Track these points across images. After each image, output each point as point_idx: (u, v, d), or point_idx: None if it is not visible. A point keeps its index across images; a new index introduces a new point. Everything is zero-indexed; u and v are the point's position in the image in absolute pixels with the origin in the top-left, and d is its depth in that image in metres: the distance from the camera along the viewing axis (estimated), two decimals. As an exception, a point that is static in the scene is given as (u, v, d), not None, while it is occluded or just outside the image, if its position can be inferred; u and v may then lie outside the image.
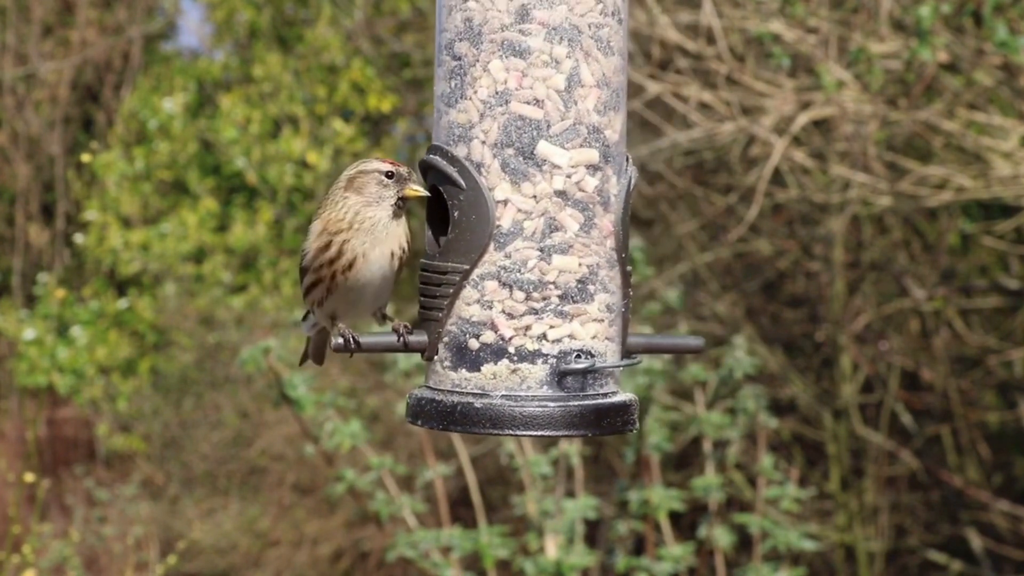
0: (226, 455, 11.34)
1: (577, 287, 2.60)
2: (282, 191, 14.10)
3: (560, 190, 2.59)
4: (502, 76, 2.58)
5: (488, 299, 2.60)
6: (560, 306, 2.60)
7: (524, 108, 2.58)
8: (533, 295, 2.59)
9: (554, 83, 2.58)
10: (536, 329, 2.59)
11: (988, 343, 9.23)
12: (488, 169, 2.60)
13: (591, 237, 2.61)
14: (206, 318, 12.90)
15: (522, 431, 2.57)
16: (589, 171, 2.60)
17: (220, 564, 10.57)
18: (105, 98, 16.00)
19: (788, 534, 6.58)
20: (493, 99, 2.59)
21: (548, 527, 6.54)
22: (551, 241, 2.59)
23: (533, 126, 2.58)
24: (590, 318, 2.62)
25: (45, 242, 15.66)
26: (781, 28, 7.26)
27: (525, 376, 2.60)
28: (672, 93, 7.77)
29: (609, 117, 2.62)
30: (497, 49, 2.58)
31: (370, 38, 13.27)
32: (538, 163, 2.58)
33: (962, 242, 9.36)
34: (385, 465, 6.66)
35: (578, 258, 2.60)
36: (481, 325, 2.60)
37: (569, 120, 2.58)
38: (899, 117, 7.40)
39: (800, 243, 9.45)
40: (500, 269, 2.60)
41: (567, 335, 2.60)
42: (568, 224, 2.60)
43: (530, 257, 2.59)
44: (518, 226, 2.59)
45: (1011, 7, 6.65)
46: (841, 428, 9.23)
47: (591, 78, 2.60)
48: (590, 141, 2.60)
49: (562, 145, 2.59)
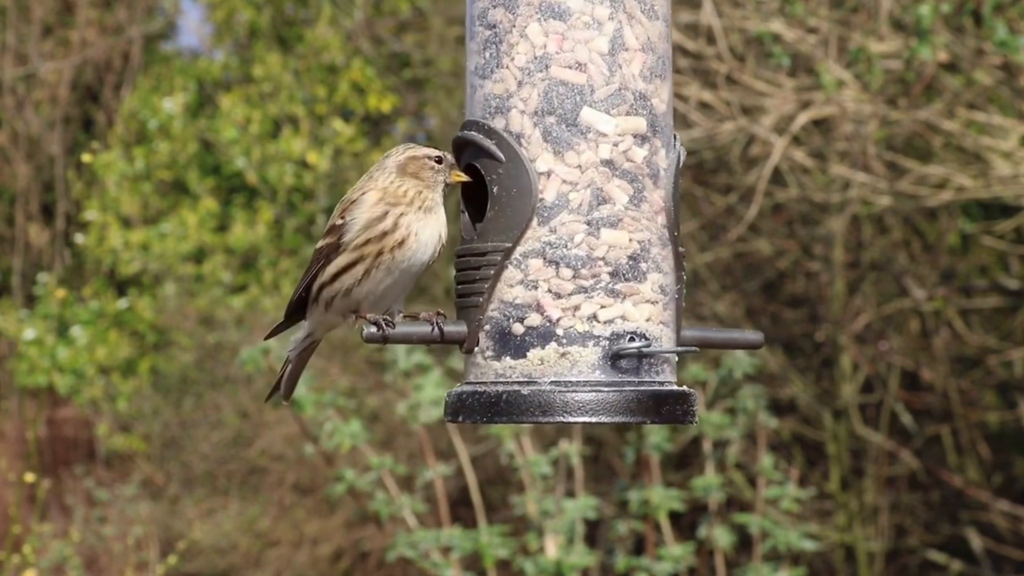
0: (226, 455, 11.34)
1: (628, 264, 2.42)
2: (282, 191, 14.10)
3: (607, 159, 2.42)
4: (541, 40, 2.43)
5: (533, 279, 2.42)
6: (611, 284, 2.41)
7: (565, 73, 2.43)
8: (581, 272, 2.41)
9: (596, 46, 2.43)
10: (586, 309, 2.41)
11: (988, 343, 9.23)
12: (528, 139, 2.43)
13: (641, 211, 2.43)
14: (206, 318, 12.90)
15: (575, 417, 2.37)
16: (637, 141, 2.44)
17: (220, 564, 10.57)
18: (105, 98, 16.00)
19: (788, 534, 6.57)
20: (532, 65, 2.43)
21: (548, 527, 6.54)
22: (599, 214, 2.42)
23: (576, 91, 2.43)
24: (643, 299, 2.43)
25: (45, 242, 15.65)
26: (781, 28, 7.26)
27: (576, 360, 2.41)
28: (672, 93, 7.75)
29: (656, 85, 2.47)
30: (535, 12, 2.43)
31: (370, 38, 13.27)
32: (582, 131, 2.42)
33: (962, 242, 9.36)
34: (385, 465, 6.66)
35: (628, 233, 2.42)
36: (526, 308, 2.42)
37: (614, 85, 2.43)
38: (899, 117, 7.40)
39: (800, 243, 9.44)
40: (545, 245, 2.42)
41: (619, 316, 2.42)
42: (617, 196, 2.42)
43: (577, 231, 2.42)
44: (563, 198, 2.42)
45: (1011, 7, 6.65)
46: (841, 428, 9.23)
47: (635, 41, 2.45)
48: (637, 108, 2.44)
49: (607, 111, 2.43)
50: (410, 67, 13.54)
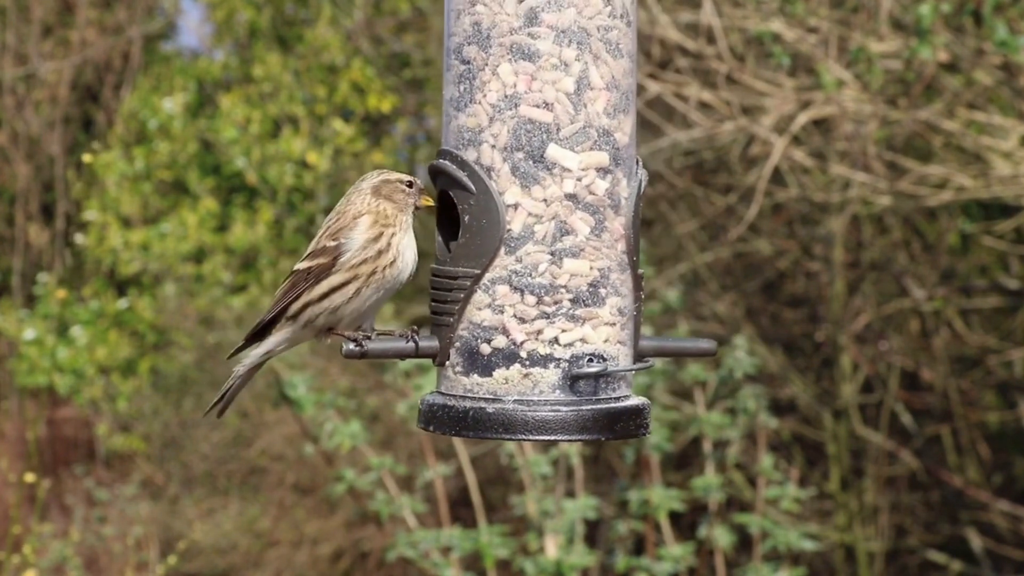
0: (226, 455, 11.34)
1: (588, 291, 2.59)
2: (282, 191, 14.10)
3: (571, 193, 2.58)
4: (511, 80, 2.57)
5: (499, 303, 2.59)
6: (572, 310, 2.58)
7: (534, 111, 2.57)
8: (544, 299, 2.58)
9: (563, 86, 2.57)
10: (548, 333, 2.58)
11: (988, 343, 9.23)
12: (498, 173, 2.59)
13: (602, 240, 2.60)
14: (206, 318, 12.90)
15: (534, 436, 2.56)
16: (599, 174, 2.59)
17: (220, 564, 10.57)
18: (105, 98, 16.00)
19: (788, 534, 6.57)
20: (503, 103, 2.58)
21: (548, 527, 6.54)
22: (562, 245, 2.58)
23: (543, 129, 2.57)
24: (602, 322, 2.60)
25: (45, 242, 15.65)
26: (781, 27, 7.26)
27: (537, 380, 2.58)
28: (672, 93, 7.77)
29: (619, 120, 2.61)
30: (506, 53, 2.57)
31: (370, 38, 13.27)
32: (548, 166, 2.57)
33: (962, 242, 9.36)
34: (385, 465, 6.66)
35: (589, 262, 2.59)
36: (492, 330, 2.59)
37: (579, 123, 2.58)
38: (899, 116, 7.40)
39: (800, 243, 9.44)
40: (511, 273, 2.58)
41: (579, 339, 2.59)
42: (579, 227, 2.59)
43: (541, 261, 2.58)
44: (529, 230, 2.58)
45: (1011, 7, 6.65)
46: (841, 428, 9.23)
47: (600, 81, 2.59)
48: (600, 144, 2.59)
49: (572, 148, 2.58)
50: (410, 67, 13.54)
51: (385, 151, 14.15)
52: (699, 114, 7.82)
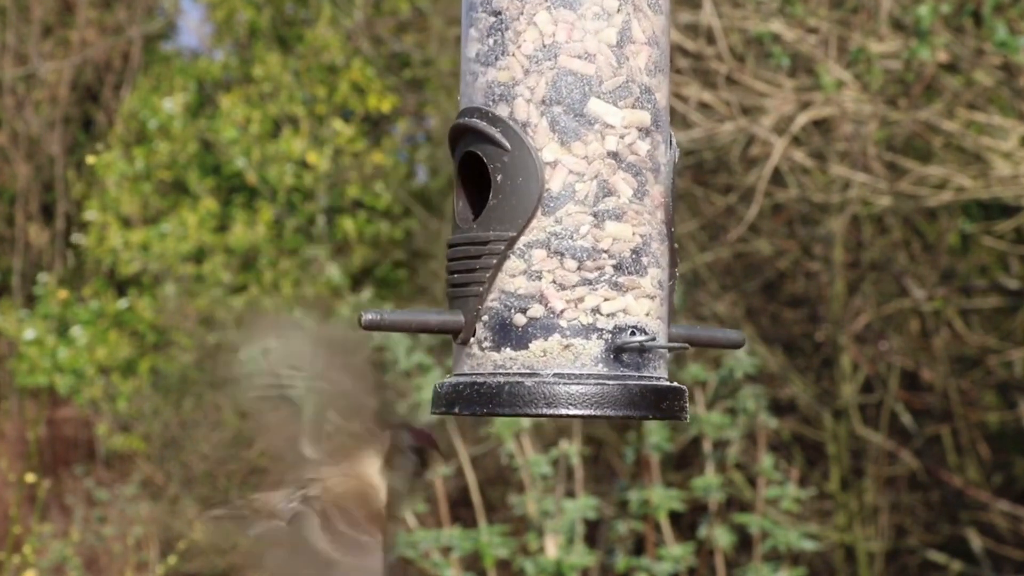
0: (226, 455, 11.34)
1: (631, 257, 2.40)
2: (282, 191, 14.10)
3: (613, 151, 2.40)
4: (550, 29, 2.40)
5: (536, 269, 2.37)
6: (615, 277, 2.38)
7: (575, 63, 2.40)
8: (586, 264, 2.37)
9: (606, 36, 2.40)
10: (590, 301, 2.37)
11: (988, 343, 9.23)
12: (535, 128, 2.40)
13: (643, 205, 2.41)
14: (206, 318, 12.90)
15: (578, 410, 2.33)
16: (641, 134, 2.42)
17: (220, 564, 10.57)
18: (105, 98, 16.00)
19: (788, 534, 6.57)
20: (540, 53, 2.40)
21: (548, 527, 6.54)
22: (604, 206, 2.39)
23: (584, 81, 2.40)
24: (643, 293, 2.41)
25: (45, 242, 15.65)
26: (781, 28, 7.26)
27: (579, 352, 2.36)
28: (672, 93, 7.76)
29: (659, 79, 2.46)
30: (544, 1, 2.40)
31: (370, 38, 13.27)
32: (590, 121, 2.39)
33: (962, 242, 9.36)
34: (385, 465, 6.65)
35: (632, 226, 2.40)
36: (529, 298, 2.37)
37: (621, 77, 2.41)
38: (899, 117, 7.40)
39: (800, 243, 9.44)
40: (550, 236, 2.37)
41: (621, 309, 2.38)
42: (622, 189, 2.40)
43: (583, 223, 2.38)
44: (569, 189, 2.38)
45: (1011, 7, 6.65)
46: (841, 428, 9.23)
47: (642, 35, 2.43)
48: (642, 102, 2.43)
49: (615, 103, 2.40)
50: (410, 67, 13.54)
51: (385, 151, 14.14)
52: (699, 114, 7.82)
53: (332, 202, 14.22)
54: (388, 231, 13.95)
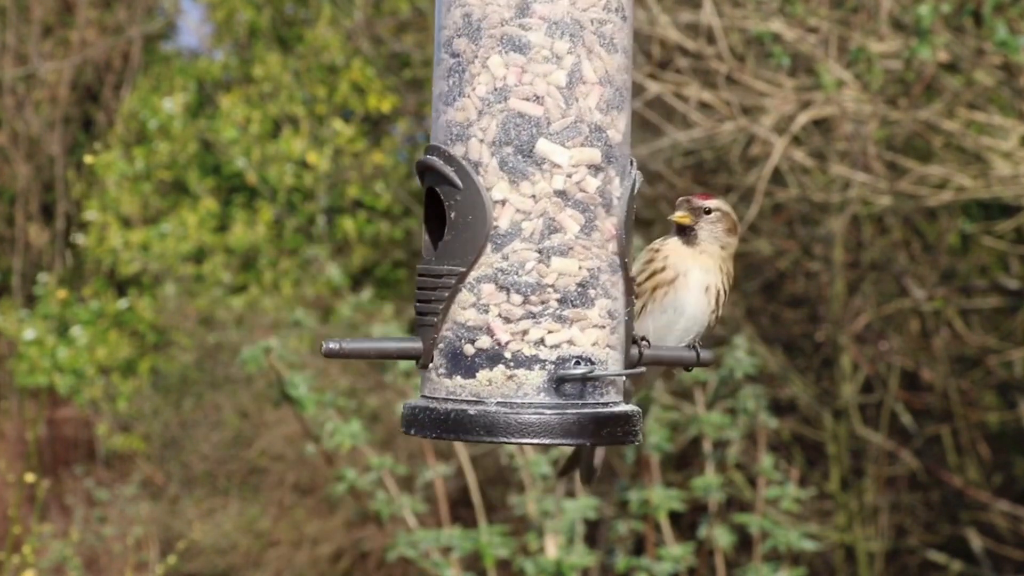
0: (226, 455, 11.34)
1: (577, 291, 2.52)
2: (282, 191, 14.10)
3: (560, 190, 2.51)
4: (501, 72, 2.50)
5: (484, 303, 2.51)
6: (559, 310, 2.51)
7: (523, 105, 2.50)
8: (531, 298, 2.50)
9: (555, 79, 2.50)
10: (534, 334, 2.50)
11: (988, 343, 9.23)
12: (486, 168, 2.51)
13: (592, 240, 2.53)
14: (206, 318, 12.90)
15: (517, 439, 2.48)
16: (591, 171, 2.53)
17: (220, 564, 10.57)
18: (105, 98, 16.00)
19: (788, 534, 6.58)
20: (492, 96, 2.51)
21: (548, 527, 6.54)
22: (550, 242, 2.51)
23: (532, 123, 2.50)
24: (590, 324, 2.53)
25: (45, 242, 15.65)
26: (781, 27, 7.26)
27: (521, 382, 2.50)
28: (672, 93, 7.77)
29: (612, 116, 2.55)
30: (496, 44, 2.50)
31: (370, 38, 13.26)
32: (537, 161, 2.50)
33: (962, 242, 9.36)
34: (385, 465, 6.66)
35: (578, 261, 2.52)
36: (477, 330, 2.51)
37: (570, 118, 2.51)
38: (899, 117, 7.40)
39: (800, 243, 9.44)
40: (497, 271, 2.51)
41: (566, 340, 2.51)
42: (568, 225, 2.52)
43: (528, 259, 2.51)
44: (516, 227, 2.51)
45: (1011, 7, 6.65)
46: (841, 428, 9.23)
47: (593, 75, 2.52)
48: (592, 140, 2.53)
49: (562, 143, 2.51)
50: (410, 67, 13.54)
51: (385, 151, 14.15)
52: (699, 114, 7.82)
53: (332, 202, 14.22)
54: (388, 231, 13.96)
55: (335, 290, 12.13)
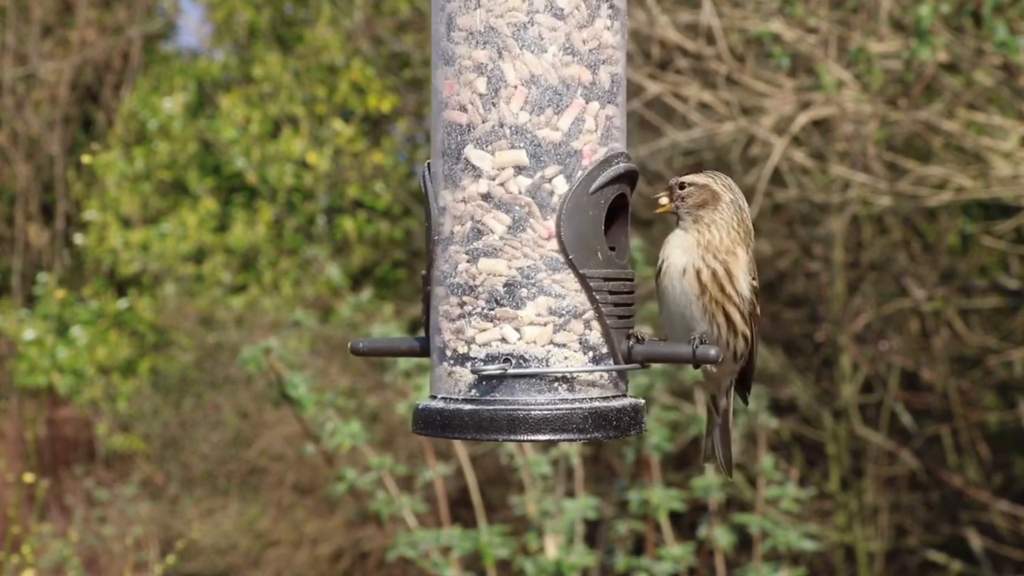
0: (226, 455, 11.34)
1: (505, 290, 2.60)
2: (282, 191, 14.10)
3: (484, 192, 2.61)
4: (440, 85, 2.64)
5: (436, 304, 2.66)
6: (486, 310, 2.60)
7: (453, 114, 2.62)
8: (464, 299, 2.61)
9: (476, 86, 2.60)
10: (467, 333, 2.61)
11: (988, 343, 9.23)
12: (435, 177, 2.66)
13: (520, 240, 2.60)
14: (206, 318, 12.90)
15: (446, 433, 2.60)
16: (518, 172, 2.60)
17: (220, 564, 10.57)
18: (105, 98, 16.00)
19: (788, 534, 6.58)
20: (437, 107, 2.66)
21: (548, 527, 6.54)
22: (477, 244, 2.61)
23: (459, 131, 2.62)
24: (524, 322, 2.60)
25: (45, 242, 15.65)
26: (781, 28, 7.26)
27: (458, 379, 2.62)
28: (672, 93, 7.77)
29: (546, 116, 2.60)
30: (439, 60, 2.64)
31: (370, 38, 13.26)
32: (464, 167, 2.61)
33: (962, 242, 9.36)
34: (385, 465, 6.66)
35: (507, 261, 2.60)
36: (435, 329, 2.67)
37: (490, 122, 2.60)
38: (899, 117, 7.40)
39: (800, 243, 9.44)
40: (441, 274, 2.65)
41: (497, 339, 2.60)
42: (493, 226, 2.61)
43: (460, 261, 2.62)
44: (451, 231, 2.63)
45: (1011, 7, 6.65)
46: (841, 428, 9.23)
47: (515, 78, 2.60)
48: (515, 142, 2.60)
49: (484, 147, 2.60)
50: (410, 67, 13.53)
51: (385, 151, 14.15)
52: (699, 114, 7.82)
53: (332, 202, 14.22)
54: (388, 231, 13.96)
55: (335, 290, 12.14)
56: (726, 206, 2.82)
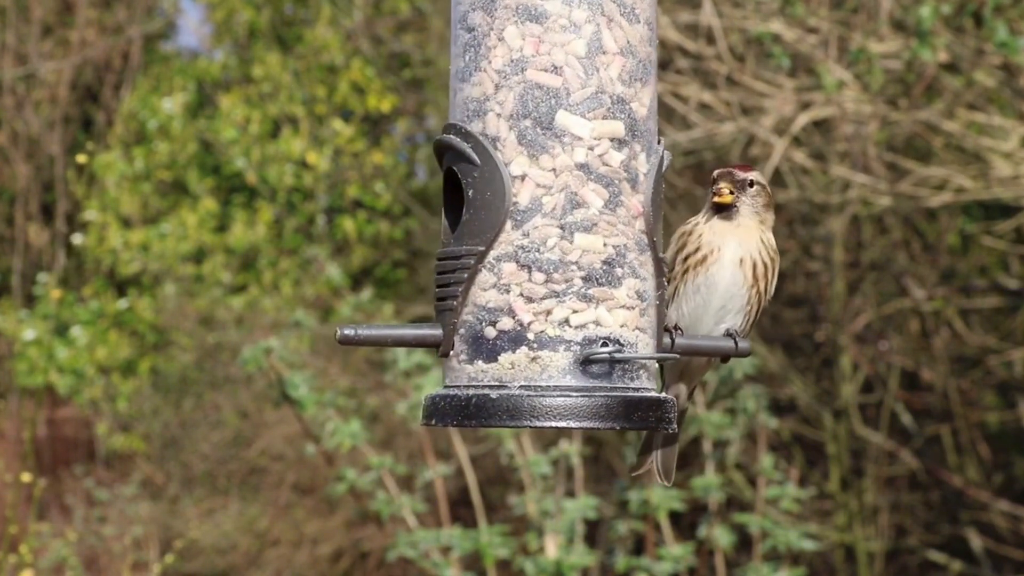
0: (226, 455, 11.34)
1: (603, 268, 2.41)
2: (282, 191, 14.10)
3: (582, 163, 2.41)
4: (518, 43, 2.41)
5: (505, 282, 2.40)
6: (584, 288, 2.40)
7: (541, 76, 2.41)
8: (554, 276, 2.39)
9: (573, 48, 2.42)
10: (558, 313, 2.39)
11: (988, 343, 9.23)
12: (504, 143, 2.42)
13: (617, 216, 2.42)
14: (206, 318, 12.90)
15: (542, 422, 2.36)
16: (614, 144, 2.43)
17: (220, 564, 10.57)
18: (105, 98, 16.00)
19: (788, 534, 6.58)
20: (508, 68, 2.42)
21: (548, 527, 6.54)
22: (573, 218, 2.40)
23: (551, 95, 2.41)
24: (617, 304, 2.42)
25: (45, 242, 15.65)
26: (781, 28, 7.26)
27: (546, 364, 2.39)
28: (672, 93, 7.77)
29: (636, 89, 2.47)
30: (512, 15, 2.41)
31: (370, 38, 13.26)
32: (557, 134, 2.41)
33: (962, 242, 9.36)
34: (385, 465, 6.66)
35: (603, 237, 2.41)
36: (498, 311, 2.40)
37: (591, 88, 2.43)
38: (899, 117, 7.40)
39: (800, 243, 9.44)
40: (518, 249, 2.40)
41: (592, 321, 2.40)
42: (591, 200, 2.41)
43: (550, 235, 2.40)
44: (537, 202, 2.40)
45: (1011, 7, 6.65)
46: (841, 428, 9.23)
47: (614, 45, 2.44)
48: (614, 112, 2.44)
49: (583, 115, 2.42)
50: (410, 67, 13.54)
51: (385, 151, 14.15)
52: (699, 114, 7.82)
53: (332, 202, 14.22)
54: (388, 231, 13.96)
55: (335, 290, 12.13)
56: (775, 211, 2.80)
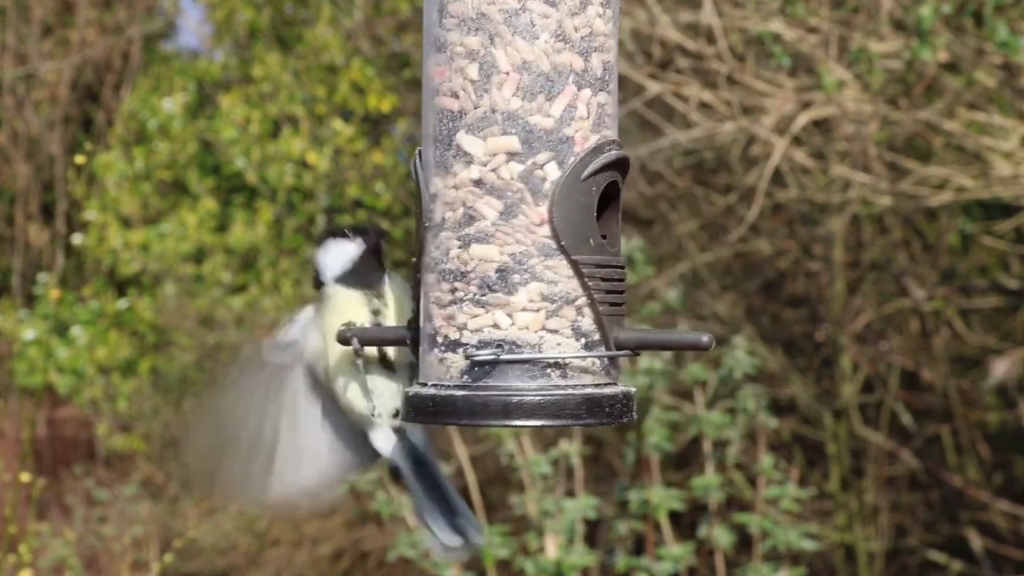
0: (226, 455, 11.32)
1: (496, 276, 2.59)
2: (282, 191, 14.10)
3: (476, 179, 2.60)
4: (432, 73, 2.64)
5: (427, 291, 2.66)
6: (478, 295, 2.59)
7: (445, 101, 2.62)
8: (456, 285, 2.60)
9: (468, 73, 2.60)
10: (458, 319, 2.60)
11: (988, 343, 9.23)
12: (427, 164, 2.68)
13: (513, 225, 2.59)
14: (206, 318, 12.90)
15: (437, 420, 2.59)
16: (510, 158, 2.60)
17: (220, 564, 10.57)
18: (105, 98, 16.00)
19: (788, 534, 6.58)
20: (428, 96, 2.66)
21: (548, 527, 6.54)
22: (469, 230, 2.60)
23: (451, 118, 2.62)
24: (517, 308, 2.59)
25: (45, 242, 15.66)
26: (781, 28, 7.26)
27: (449, 366, 2.60)
28: (672, 93, 7.77)
29: (538, 103, 2.60)
30: (431, 48, 2.64)
31: (370, 38, 13.26)
32: (456, 154, 2.62)
33: (962, 242, 9.36)
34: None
35: (499, 247, 2.59)
36: (427, 316, 2.66)
37: (482, 108, 2.60)
38: (899, 117, 7.40)
39: (800, 243, 9.44)
40: (432, 261, 2.64)
41: (489, 325, 2.58)
42: (486, 212, 2.60)
43: (452, 247, 2.62)
44: (443, 217, 2.64)
45: (1012, 7, 6.65)
46: (841, 428, 9.23)
47: (507, 64, 2.59)
48: (507, 128, 2.60)
49: (476, 134, 2.60)
50: (410, 67, 13.53)
51: (385, 151, 14.15)
52: (699, 114, 7.82)
53: (332, 202, 14.22)
54: (388, 231, 13.95)
55: (335, 290, 12.10)
56: None
